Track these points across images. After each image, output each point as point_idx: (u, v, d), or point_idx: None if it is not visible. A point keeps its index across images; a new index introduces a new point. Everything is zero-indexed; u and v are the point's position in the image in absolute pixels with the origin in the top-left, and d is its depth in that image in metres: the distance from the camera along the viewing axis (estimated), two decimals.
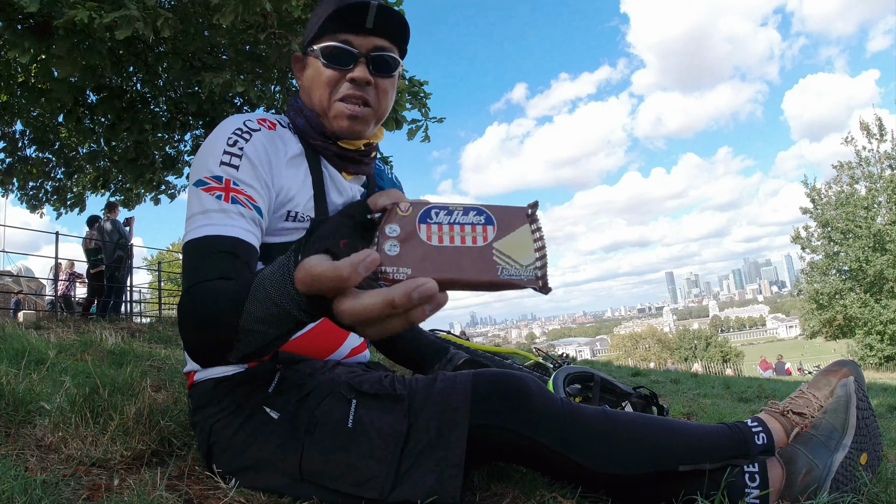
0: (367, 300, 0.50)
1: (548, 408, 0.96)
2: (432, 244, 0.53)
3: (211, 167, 0.95)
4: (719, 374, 13.88)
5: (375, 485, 0.91)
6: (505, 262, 0.53)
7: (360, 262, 0.50)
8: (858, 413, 1.02)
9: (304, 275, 0.53)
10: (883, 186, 17.18)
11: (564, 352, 9.11)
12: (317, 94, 1.06)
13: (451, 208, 0.54)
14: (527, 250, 0.54)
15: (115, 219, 8.29)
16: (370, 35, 1.03)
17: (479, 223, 0.54)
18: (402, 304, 0.49)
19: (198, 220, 0.91)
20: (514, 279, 0.52)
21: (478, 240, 0.54)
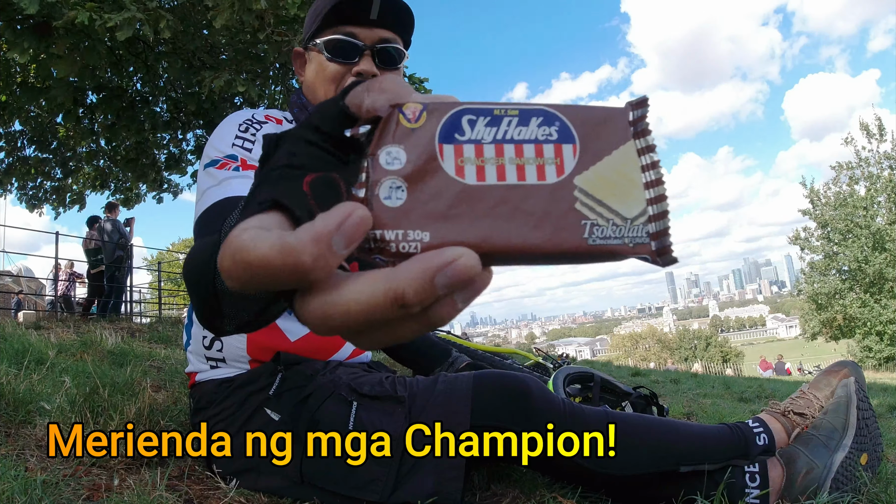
0: (354, 297, 0.25)
1: (549, 409, 0.95)
2: (465, 181, 0.28)
3: (222, 149, 0.93)
4: (719, 374, 13.88)
5: (376, 487, 0.91)
6: (595, 214, 0.29)
7: (333, 232, 0.24)
8: (859, 413, 1.02)
9: (230, 261, 0.25)
10: (882, 186, 17.18)
11: (564, 352, 9.12)
12: (321, 90, 1.03)
13: (497, 113, 0.29)
14: (632, 189, 0.30)
15: (116, 219, 8.29)
16: (374, 27, 1.00)
17: (549, 139, 0.29)
18: (418, 300, 0.24)
19: (211, 192, 0.84)
20: (610, 244, 0.29)
21: (547, 170, 0.29)
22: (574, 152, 0.29)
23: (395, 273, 0.24)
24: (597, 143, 0.30)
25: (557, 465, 0.97)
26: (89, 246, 8.46)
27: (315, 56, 1.04)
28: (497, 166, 0.28)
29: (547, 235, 0.28)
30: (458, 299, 0.26)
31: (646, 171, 0.30)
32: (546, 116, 0.30)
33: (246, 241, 0.25)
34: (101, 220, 8.35)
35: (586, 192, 0.29)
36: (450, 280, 0.24)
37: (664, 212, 0.30)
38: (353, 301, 0.24)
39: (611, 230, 0.29)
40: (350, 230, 0.25)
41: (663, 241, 0.29)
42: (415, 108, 0.29)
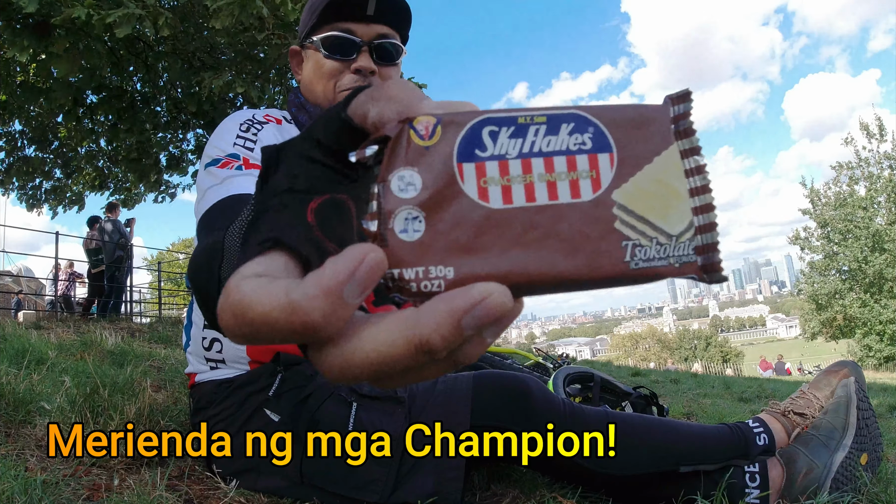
0: (373, 346, 0.22)
1: (549, 409, 0.96)
2: (490, 205, 0.25)
3: (224, 148, 0.91)
4: (719, 374, 13.88)
5: (376, 487, 0.91)
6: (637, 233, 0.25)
7: (344, 283, 0.22)
8: (859, 413, 1.02)
9: (230, 318, 0.23)
10: (882, 186, 17.18)
11: (564, 352, 9.12)
12: (320, 87, 1.02)
13: (521, 121, 0.26)
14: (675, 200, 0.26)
15: (116, 219, 8.30)
16: (372, 22, 0.99)
17: (583, 149, 0.26)
18: (445, 346, 0.22)
19: (213, 191, 0.82)
20: (654, 266, 0.26)
21: (582, 186, 0.25)
22: (611, 162, 0.26)
23: (417, 318, 0.22)
24: (636, 150, 0.26)
25: (557, 465, 0.97)
26: (90, 246, 8.46)
27: (312, 53, 1.03)
28: (525, 185, 0.25)
29: (584, 262, 0.25)
30: (487, 335, 0.23)
31: (690, 177, 0.27)
32: (578, 121, 0.26)
33: (247, 296, 0.22)
34: (102, 220, 8.36)
35: (626, 209, 0.25)
36: (479, 321, 0.22)
37: (711, 223, 0.26)
38: (372, 351, 0.22)
39: (654, 250, 0.26)
40: (364, 277, 0.22)
41: (711, 257, 0.26)
42: (427, 121, 0.25)
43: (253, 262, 0.24)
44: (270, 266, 0.24)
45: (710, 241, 0.26)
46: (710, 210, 0.26)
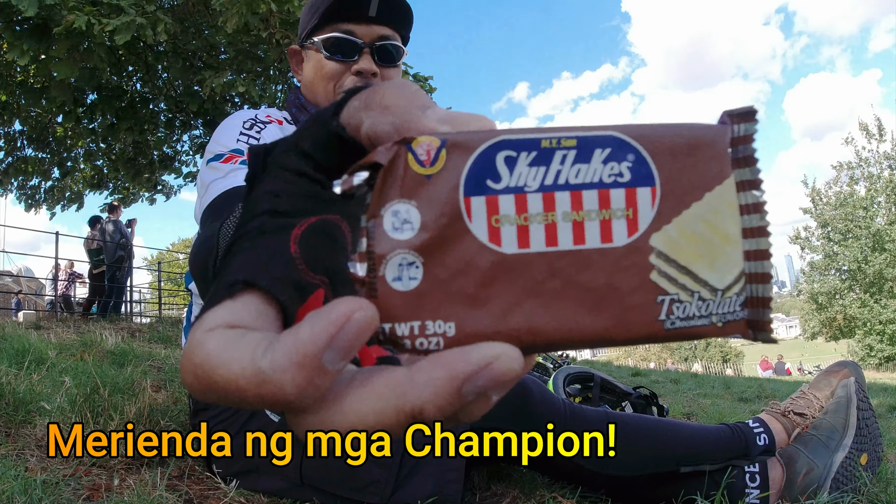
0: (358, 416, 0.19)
1: (548, 409, 0.96)
2: (503, 250, 0.21)
3: (227, 144, 0.91)
4: (719, 374, 13.88)
5: (376, 489, 0.90)
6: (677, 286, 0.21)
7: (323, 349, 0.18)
8: (859, 414, 1.02)
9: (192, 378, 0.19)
10: (882, 187, 17.19)
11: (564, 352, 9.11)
12: (320, 89, 1.02)
13: (546, 145, 0.21)
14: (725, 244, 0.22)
15: (118, 219, 8.30)
16: (373, 24, 0.99)
17: (619, 182, 0.21)
18: (441, 415, 0.19)
19: (218, 183, 0.82)
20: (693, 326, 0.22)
21: (615, 229, 0.21)
22: (653, 199, 0.21)
23: (410, 384, 0.19)
24: (684, 183, 0.21)
25: (557, 465, 0.97)
26: (91, 246, 8.47)
27: (313, 54, 1.03)
28: (546, 225, 0.21)
29: (612, 320, 0.21)
30: (493, 395, 0.19)
31: (746, 215, 0.22)
32: (615, 146, 0.21)
33: (211, 356, 0.18)
34: (103, 220, 8.36)
35: (667, 257, 0.21)
36: (483, 389, 0.18)
37: (766, 273, 0.22)
38: (357, 421, 0.19)
39: (696, 307, 0.21)
40: (347, 342, 0.18)
41: (761, 313, 0.22)
42: (429, 143, 0.21)
43: (221, 308, 0.20)
44: (242, 313, 0.20)
45: (761, 295, 0.22)
46: (765, 257, 0.22)
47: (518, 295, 0.20)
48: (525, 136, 0.21)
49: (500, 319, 0.20)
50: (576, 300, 0.21)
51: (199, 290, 0.65)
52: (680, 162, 0.22)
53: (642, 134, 0.21)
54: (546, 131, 0.21)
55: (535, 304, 0.20)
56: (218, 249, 0.46)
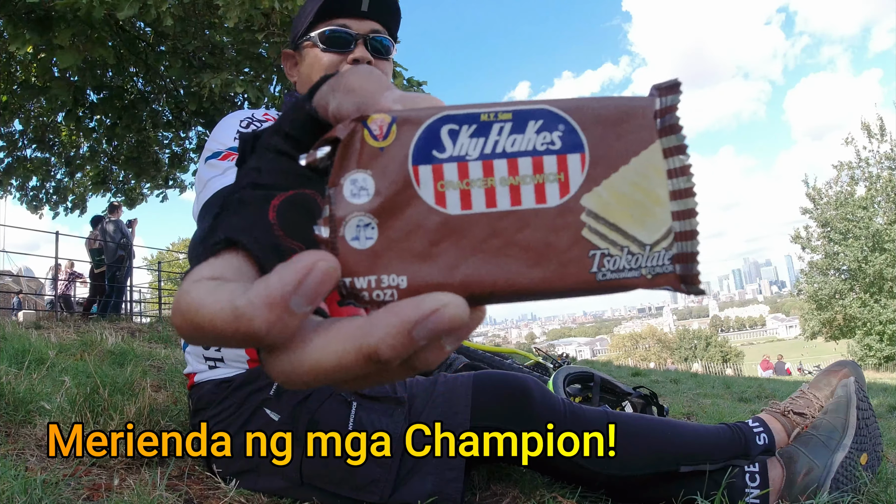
0: (322, 356, 0.22)
1: (548, 409, 0.96)
2: (448, 211, 0.23)
3: (225, 142, 0.97)
4: (719, 374, 13.88)
5: (376, 488, 0.91)
6: (607, 242, 0.24)
7: (291, 293, 0.21)
8: (859, 413, 1.02)
9: (180, 319, 0.22)
10: (882, 187, 17.17)
11: (564, 352, 9.10)
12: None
13: (484, 119, 0.24)
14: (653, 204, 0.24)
15: (118, 220, 8.31)
16: (365, 18, 1.05)
17: (551, 149, 0.24)
18: (395, 355, 0.21)
19: (215, 181, 0.89)
20: (624, 277, 0.24)
21: (548, 191, 0.24)
22: (582, 164, 0.24)
23: (368, 327, 0.21)
24: (612, 149, 0.24)
25: (557, 465, 0.97)
26: (93, 246, 8.47)
27: (309, 50, 1.07)
28: (486, 189, 0.23)
29: (548, 273, 0.23)
30: (446, 343, 0.22)
31: (673, 178, 0.24)
32: (547, 118, 0.24)
33: (195, 300, 0.22)
34: (105, 220, 8.36)
35: (596, 215, 0.24)
36: (431, 332, 0.21)
37: (692, 231, 0.24)
38: (321, 360, 0.22)
39: (625, 260, 0.24)
40: (312, 288, 0.21)
41: (690, 268, 0.24)
42: (382, 120, 0.23)
43: (207, 264, 0.23)
44: (223, 268, 0.23)
45: (689, 251, 0.24)
46: (691, 216, 0.24)
47: (463, 251, 0.23)
48: (466, 112, 0.24)
49: (447, 273, 0.23)
50: (515, 255, 0.23)
51: None
52: (608, 130, 0.24)
53: (572, 107, 0.24)
54: (485, 106, 0.24)
55: (479, 260, 0.23)
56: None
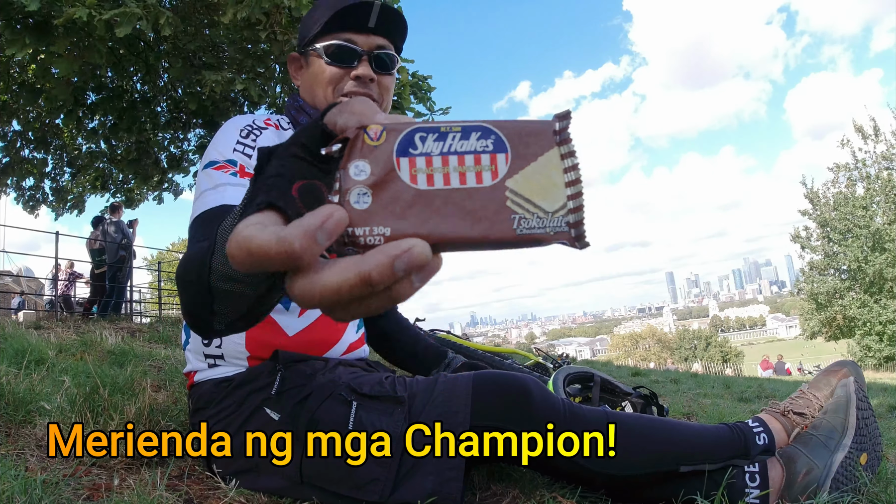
0: (331, 278, 0.32)
1: (548, 409, 0.96)
2: (418, 187, 0.36)
3: (224, 152, 0.98)
4: (719, 374, 13.88)
5: (376, 487, 0.91)
6: (523, 209, 0.36)
7: (317, 228, 0.32)
8: (858, 413, 1.02)
9: (237, 249, 0.32)
10: (881, 187, 17.16)
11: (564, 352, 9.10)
12: (320, 92, 1.08)
13: (443, 130, 0.37)
14: (554, 188, 0.37)
15: (119, 220, 8.31)
16: (371, 34, 1.06)
17: (486, 150, 0.37)
18: (381, 280, 0.31)
19: (209, 195, 0.91)
20: (534, 233, 0.36)
21: (484, 176, 0.36)
22: (506, 160, 0.37)
23: (363, 260, 0.32)
24: (526, 151, 0.37)
25: (557, 465, 0.97)
26: (94, 246, 8.46)
27: (314, 60, 1.09)
28: (444, 173, 0.36)
29: (484, 229, 0.36)
30: (415, 280, 0.33)
31: (567, 173, 0.37)
32: (484, 131, 0.37)
33: (250, 233, 0.32)
34: (105, 220, 8.36)
35: (516, 192, 0.36)
36: (406, 265, 0.31)
37: (581, 205, 0.37)
38: (330, 281, 0.32)
39: (535, 222, 0.36)
40: (330, 227, 0.32)
41: (580, 229, 0.37)
42: (376, 128, 0.36)
43: (253, 217, 0.34)
44: (265, 219, 0.34)
45: (579, 218, 0.37)
46: (580, 196, 0.37)
47: (428, 214, 0.35)
48: (432, 126, 0.36)
49: (417, 227, 0.35)
50: (463, 216, 0.35)
51: (183, 301, 0.68)
52: (524, 140, 0.37)
53: (502, 125, 0.37)
54: (444, 123, 0.37)
55: (438, 219, 0.35)
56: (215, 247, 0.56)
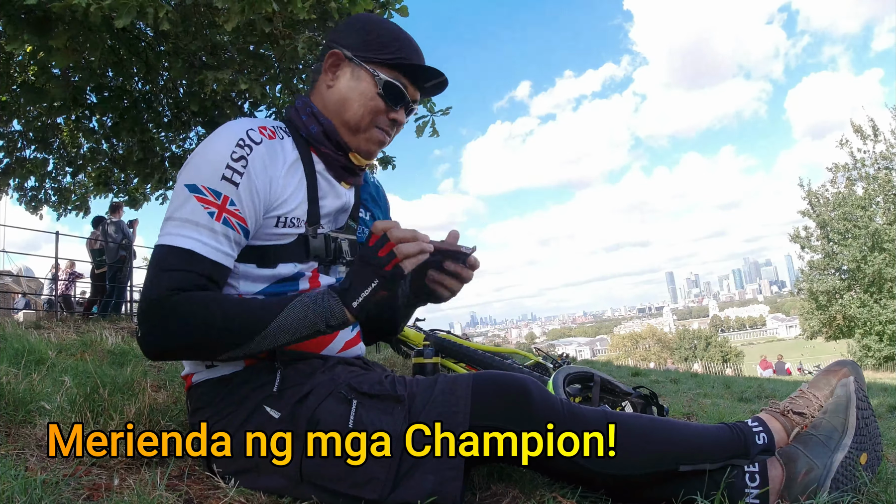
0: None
1: (548, 409, 0.96)
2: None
3: (210, 179, 0.97)
4: (719, 374, 13.88)
5: (376, 486, 0.91)
6: None
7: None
8: (858, 413, 1.02)
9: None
10: (880, 187, 17.14)
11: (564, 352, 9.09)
12: (356, 110, 1.11)
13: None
14: None
15: (120, 220, 8.30)
16: (417, 91, 1.16)
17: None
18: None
19: (186, 228, 0.95)
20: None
21: None
22: None
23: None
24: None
25: (557, 465, 0.97)
26: (94, 246, 8.46)
27: (365, 77, 1.11)
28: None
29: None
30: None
31: None
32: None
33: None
34: (106, 220, 8.35)
35: None
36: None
37: None
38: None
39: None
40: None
41: None
42: None
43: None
44: None
45: None
46: None
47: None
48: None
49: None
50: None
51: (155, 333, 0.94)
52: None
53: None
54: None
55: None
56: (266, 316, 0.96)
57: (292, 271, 1.08)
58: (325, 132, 1.12)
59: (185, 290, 0.93)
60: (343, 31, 1.16)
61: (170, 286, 0.92)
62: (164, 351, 0.95)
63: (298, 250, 1.08)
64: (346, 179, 1.18)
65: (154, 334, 0.92)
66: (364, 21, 1.17)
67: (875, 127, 17.70)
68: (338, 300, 0.96)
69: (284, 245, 1.06)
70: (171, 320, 0.91)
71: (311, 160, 1.11)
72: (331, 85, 1.13)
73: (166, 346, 0.94)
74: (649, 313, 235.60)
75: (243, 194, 0.98)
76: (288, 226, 1.06)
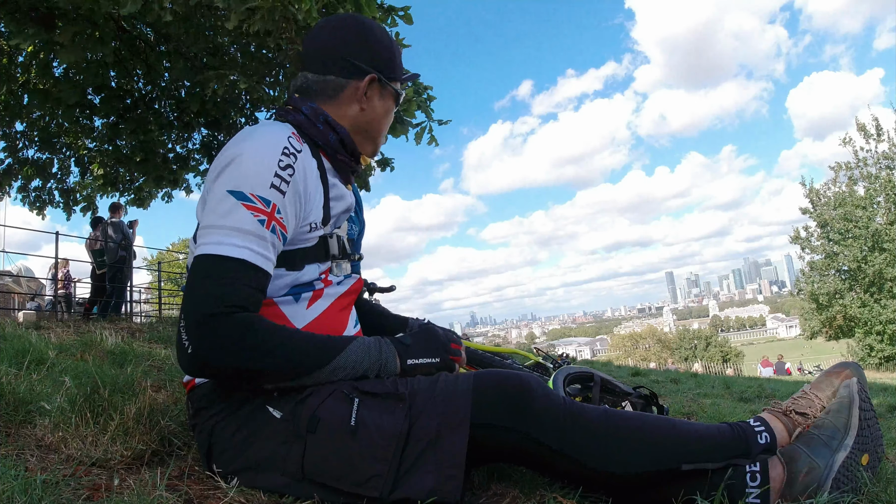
0: None
1: (549, 408, 0.96)
2: None
3: (259, 186, 0.96)
4: (719, 374, 13.87)
5: (376, 484, 0.91)
6: None
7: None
8: (861, 414, 1.02)
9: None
10: (882, 187, 17.13)
11: (564, 352, 9.09)
12: (378, 126, 1.21)
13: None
14: None
15: (120, 220, 8.29)
16: None
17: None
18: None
19: (234, 236, 0.93)
20: None
21: None
22: None
23: None
24: None
25: (558, 464, 0.97)
26: (94, 247, 8.45)
27: (388, 95, 1.20)
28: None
29: None
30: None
31: None
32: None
33: None
34: (105, 221, 8.35)
35: None
36: None
37: None
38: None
39: None
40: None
41: None
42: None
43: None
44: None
45: None
46: None
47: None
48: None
49: None
50: None
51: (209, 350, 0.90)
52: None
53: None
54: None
55: None
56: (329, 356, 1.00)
57: (316, 273, 1.10)
58: (342, 142, 1.15)
59: (242, 306, 0.91)
60: (358, 46, 1.15)
61: (228, 301, 0.90)
62: (215, 369, 0.92)
63: (320, 252, 1.11)
64: (350, 181, 1.23)
65: (207, 350, 0.89)
66: (378, 35, 1.18)
67: (879, 126, 17.67)
68: (395, 354, 1.04)
69: (309, 248, 1.09)
70: (232, 340, 0.89)
71: (322, 164, 1.12)
72: (364, 108, 1.17)
73: (219, 365, 0.91)
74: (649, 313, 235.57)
75: (288, 203, 0.99)
76: (314, 229, 1.08)
